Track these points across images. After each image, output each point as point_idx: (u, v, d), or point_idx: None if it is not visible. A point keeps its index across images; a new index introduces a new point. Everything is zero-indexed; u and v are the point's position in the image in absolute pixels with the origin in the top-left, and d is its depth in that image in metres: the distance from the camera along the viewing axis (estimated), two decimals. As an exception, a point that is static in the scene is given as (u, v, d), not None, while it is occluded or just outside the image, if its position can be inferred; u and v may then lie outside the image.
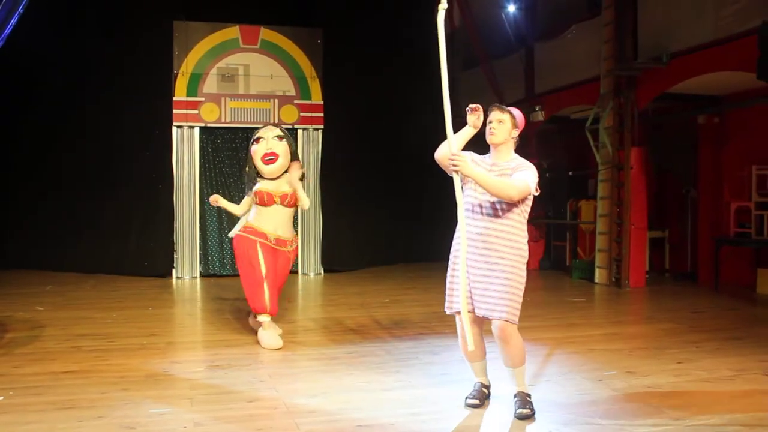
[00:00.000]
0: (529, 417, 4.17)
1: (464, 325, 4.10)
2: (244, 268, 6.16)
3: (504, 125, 4.31)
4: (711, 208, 10.65)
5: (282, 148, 6.34)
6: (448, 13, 13.11)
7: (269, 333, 6.07)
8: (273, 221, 6.26)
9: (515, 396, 4.29)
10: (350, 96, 12.02)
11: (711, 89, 9.96)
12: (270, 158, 6.28)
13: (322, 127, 11.95)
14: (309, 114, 11.81)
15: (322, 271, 11.95)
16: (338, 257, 12.05)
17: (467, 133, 4.39)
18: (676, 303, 8.86)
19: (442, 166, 4.35)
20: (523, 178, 4.12)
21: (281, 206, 6.28)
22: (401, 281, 10.96)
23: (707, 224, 10.68)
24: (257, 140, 6.36)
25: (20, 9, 6.45)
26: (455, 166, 4.09)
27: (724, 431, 3.90)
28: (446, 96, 4.17)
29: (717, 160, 10.61)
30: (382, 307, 8.45)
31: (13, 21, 6.48)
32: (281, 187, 6.33)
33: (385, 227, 12.73)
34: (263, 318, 6.10)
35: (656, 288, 10.16)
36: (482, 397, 4.41)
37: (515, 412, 4.21)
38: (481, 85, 12.98)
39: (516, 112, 4.39)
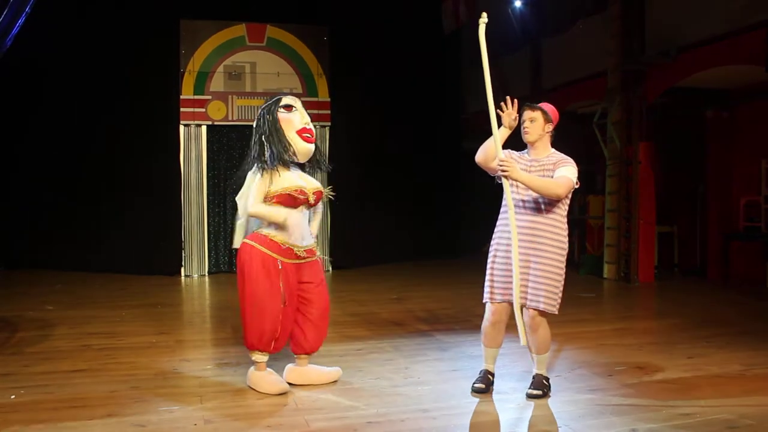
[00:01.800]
0: (537, 398, 4.42)
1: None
2: (252, 293, 4.57)
3: (536, 123, 4.51)
4: (720, 203, 10.60)
5: (313, 127, 4.88)
6: (454, 9, 12.99)
7: (266, 375, 4.68)
8: (300, 228, 4.70)
9: (533, 377, 4.55)
10: (357, 92, 12.01)
11: (720, 83, 9.92)
12: (310, 136, 4.75)
13: (329, 124, 11.94)
14: (316, 111, 11.77)
15: (330, 268, 11.94)
16: (346, 254, 12.04)
17: (503, 134, 4.45)
18: (686, 298, 8.84)
19: (485, 169, 4.49)
20: (566, 174, 4.36)
21: (307, 207, 4.78)
22: (410, 278, 10.94)
23: (716, 219, 10.63)
24: (288, 107, 4.75)
25: (27, 9, 6.47)
26: (504, 171, 4.24)
27: (735, 425, 3.88)
28: (491, 103, 4.26)
29: (726, 155, 10.55)
30: (391, 303, 8.45)
31: (20, 21, 6.50)
32: (312, 181, 4.83)
33: (393, 224, 12.71)
34: (260, 357, 4.66)
35: (665, 283, 10.13)
36: (487, 382, 4.59)
37: (526, 391, 4.49)
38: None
39: (548, 107, 4.58)
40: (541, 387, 4.46)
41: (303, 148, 4.70)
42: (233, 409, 4.26)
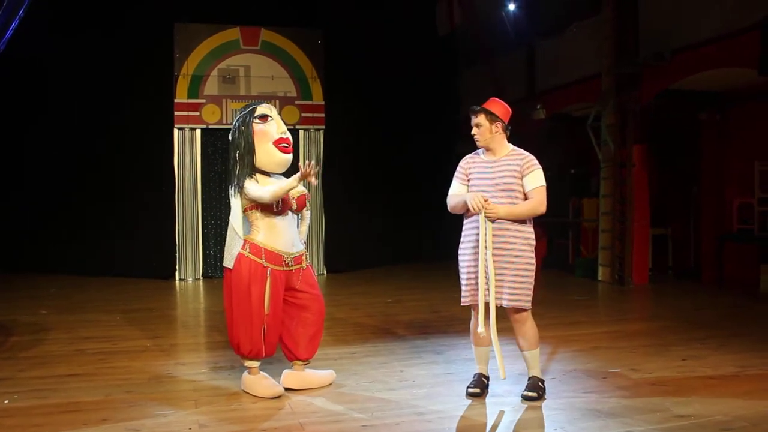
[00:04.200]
0: (533, 400, 4.41)
1: (479, 313, 4.38)
2: (239, 299, 4.54)
3: (482, 127, 4.51)
4: (713, 205, 10.62)
5: (290, 136, 4.80)
6: (449, 11, 12.94)
7: (260, 379, 4.67)
8: (288, 234, 4.69)
9: (528, 379, 4.53)
10: (351, 96, 12.03)
11: (713, 86, 9.94)
12: (287, 146, 4.69)
13: (323, 127, 11.94)
14: (310, 114, 11.79)
15: (325, 272, 11.95)
16: (341, 257, 12.05)
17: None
18: (680, 300, 8.85)
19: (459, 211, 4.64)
20: (538, 185, 4.39)
21: (292, 212, 4.76)
22: (404, 281, 10.96)
23: (710, 221, 10.65)
24: (263, 118, 4.66)
25: (21, 12, 6.46)
26: (490, 217, 4.32)
27: (729, 427, 3.89)
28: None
29: (719, 157, 10.58)
30: (386, 306, 8.45)
31: (14, 24, 6.49)
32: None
33: (388, 227, 12.73)
34: (252, 363, 4.67)
35: (659, 286, 10.15)
36: (482, 386, 4.58)
37: (522, 393, 4.47)
38: (483, 84, 12.98)
39: (493, 105, 4.53)
40: (536, 389, 4.46)
41: (280, 159, 4.69)
42: (228, 413, 4.25)
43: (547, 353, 5.70)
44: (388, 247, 12.81)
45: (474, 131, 4.52)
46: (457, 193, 4.62)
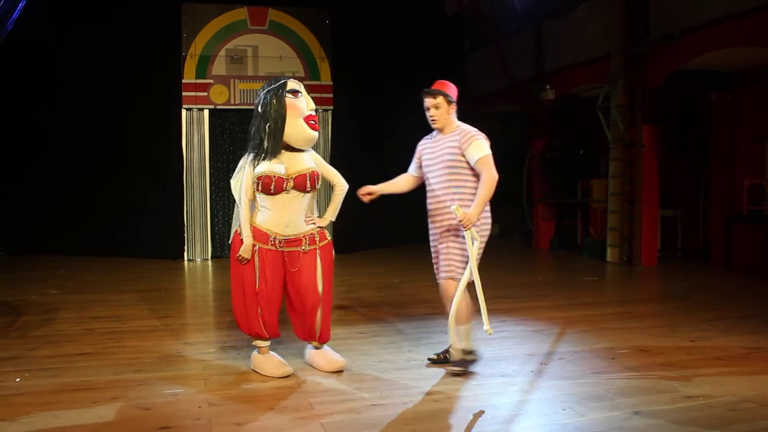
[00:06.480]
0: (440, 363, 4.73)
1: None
2: (234, 278, 4.66)
3: (441, 109, 4.66)
4: (723, 186, 10.56)
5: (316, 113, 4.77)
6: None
7: (269, 358, 4.70)
8: (284, 215, 4.61)
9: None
10: (359, 76, 11.98)
11: (724, 65, 9.85)
12: (315, 122, 4.65)
13: (331, 108, 11.92)
14: (318, 95, 11.73)
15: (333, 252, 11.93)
16: (348, 238, 12.05)
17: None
18: (689, 282, 8.83)
19: None
20: (481, 154, 4.48)
21: (297, 192, 4.59)
22: (412, 261, 10.96)
23: (720, 202, 10.59)
24: (294, 93, 4.58)
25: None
26: (466, 227, 4.44)
27: (737, 409, 3.89)
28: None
29: (729, 138, 10.50)
30: (393, 287, 8.47)
31: (21, 5, 6.48)
32: (298, 164, 4.63)
33: (395, 208, 12.65)
34: (260, 342, 4.72)
35: (668, 267, 10.13)
36: (443, 355, 4.82)
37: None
38: (490, 64, 12.91)
39: (447, 87, 4.68)
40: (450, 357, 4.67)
41: (309, 136, 4.61)
42: (237, 392, 4.28)
43: (555, 334, 5.71)
44: (395, 227, 12.80)
45: (432, 113, 4.64)
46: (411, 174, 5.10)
